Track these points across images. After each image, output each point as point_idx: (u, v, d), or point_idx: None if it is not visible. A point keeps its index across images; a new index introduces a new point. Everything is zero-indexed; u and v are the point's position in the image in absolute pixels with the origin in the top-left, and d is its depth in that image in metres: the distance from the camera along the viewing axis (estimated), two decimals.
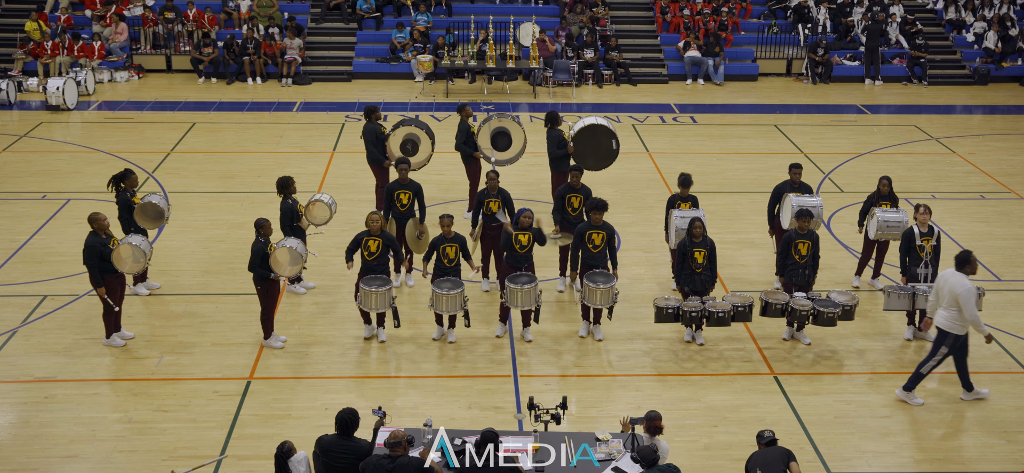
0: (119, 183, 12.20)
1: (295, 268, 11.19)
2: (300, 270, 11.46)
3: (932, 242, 11.58)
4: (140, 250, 11.13)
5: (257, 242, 11.02)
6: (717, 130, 20.58)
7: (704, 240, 11.35)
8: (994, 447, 9.93)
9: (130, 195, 12.16)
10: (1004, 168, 18.30)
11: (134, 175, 12.39)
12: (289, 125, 20.33)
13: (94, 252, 10.91)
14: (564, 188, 12.64)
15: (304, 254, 11.29)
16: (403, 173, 12.61)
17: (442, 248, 11.37)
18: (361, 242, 11.20)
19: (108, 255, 10.95)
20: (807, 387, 10.84)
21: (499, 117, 15.19)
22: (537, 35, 23.55)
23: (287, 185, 12.23)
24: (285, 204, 12.16)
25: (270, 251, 10.99)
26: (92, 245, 10.94)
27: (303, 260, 11.26)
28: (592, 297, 11.30)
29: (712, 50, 24.40)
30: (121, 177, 12.24)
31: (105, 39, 23.88)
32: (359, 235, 11.28)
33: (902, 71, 24.97)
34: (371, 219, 11.13)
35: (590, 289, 11.29)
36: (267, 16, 24.79)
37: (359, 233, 11.33)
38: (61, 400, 10.39)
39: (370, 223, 11.12)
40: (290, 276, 11.38)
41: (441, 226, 11.37)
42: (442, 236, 11.38)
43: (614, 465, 8.11)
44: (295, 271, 11.25)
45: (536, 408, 8.36)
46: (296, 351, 11.42)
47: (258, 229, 11.07)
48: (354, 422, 8.00)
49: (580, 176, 12.62)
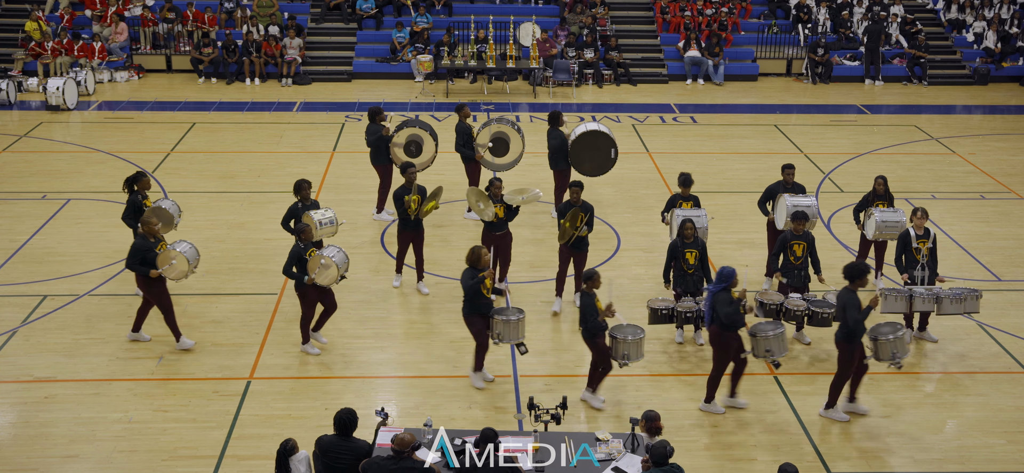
0: (132, 185, 12.17)
1: (332, 277, 10.96)
2: (338, 279, 11.13)
3: (928, 245, 11.59)
4: (184, 258, 11.06)
5: (296, 246, 10.88)
6: (717, 130, 20.58)
7: (695, 241, 11.36)
8: (994, 447, 9.94)
9: (141, 198, 12.11)
10: (1004, 168, 18.31)
11: (147, 178, 12.30)
12: (289, 125, 20.34)
13: (139, 253, 10.88)
14: (566, 206, 12.11)
15: (342, 266, 11.05)
16: (411, 177, 12.45)
17: None
18: (478, 280, 10.33)
19: (153, 259, 10.89)
20: (806, 387, 10.84)
21: (498, 122, 15.20)
22: (538, 36, 23.56)
23: (302, 188, 12.03)
24: (296, 206, 11.99)
25: (309, 256, 10.84)
26: (139, 247, 10.91)
27: (341, 270, 11.04)
28: None
29: (712, 50, 24.40)
30: (134, 179, 12.20)
31: (105, 39, 23.88)
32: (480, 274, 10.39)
33: (902, 71, 24.98)
34: (484, 259, 10.41)
35: None
36: (267, 16, 24.79)
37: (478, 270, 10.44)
38: (61, 400, 10.40)
39: (484, 261, 10.40)
40: (326, 283, 10.99)
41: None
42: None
43: (614, 465, 8.11)
44: (332, 280, 10.99)
45: (536, 408, 8.37)
46: (296, 351, 11.42)
47: (298, 234, 10.93)
48: (352, 422, 8.00)
49: (581, 192, 12.01)
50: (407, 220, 12.43)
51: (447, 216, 15.23)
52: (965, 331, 12.10)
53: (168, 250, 10.99)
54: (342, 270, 11.09)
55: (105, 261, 13.62)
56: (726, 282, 9.95)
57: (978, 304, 11.27)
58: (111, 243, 14.19)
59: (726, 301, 9.88)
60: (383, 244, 14.29)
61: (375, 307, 12.37)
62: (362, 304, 12.45)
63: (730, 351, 10.09)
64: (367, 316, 12.13)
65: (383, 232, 14.73)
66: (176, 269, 11.04)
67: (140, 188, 12.16)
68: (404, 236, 12.65)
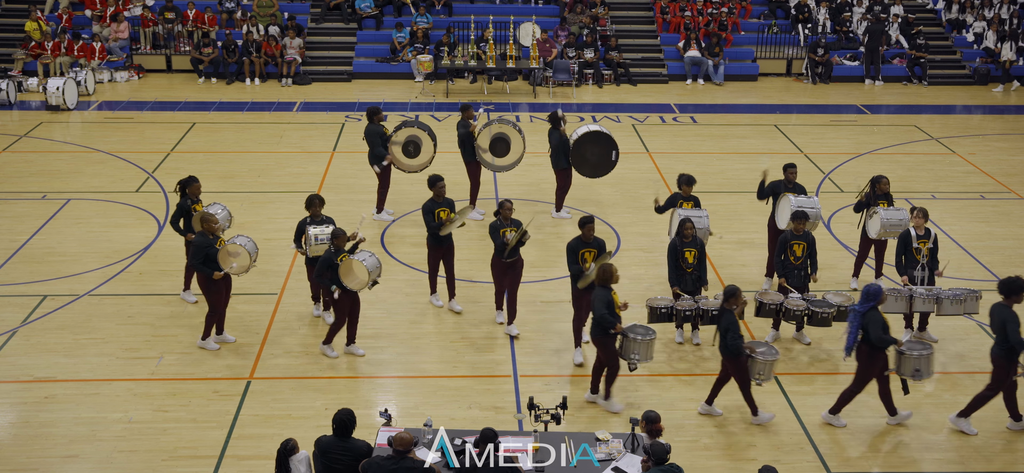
0: (184, 189, 12.15)
1: (362, 282, 10.83)
2: (370, 284, 10.97)
3: (928, 245, 11.59)
4: (246, 251, 11.04)
5: (328, 252, 10.78)
6: (717, 130, 20.58)
7: (694, 240, 11.35)
8: (994, 447, 9.93)
9: (190, 202, 12.06)
10: (1004, 168, 18.31)
11: (197, 183, 12.20)
12: (289, 125, 20.34)
13: (201, 251, 10.90)
14: (577, 242, 11.06)
15: (373, 271, 10.91)
16: (441, 190, 12.10)
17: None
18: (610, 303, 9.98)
19: (214, 255, 10.90)
20: (806, 387, 10.84)
21: (499, 122, 15.20)
22: (538, 36, 23.56)
23: (313, 204, 11.67)
24: (305, 222, 11.63)
25: (341, 261, 10.74)
26: (200, 244, 10.93)
27: (372, 276, 10.90)
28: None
29: (712, 50, 24.40)
30: (186, 183, 12.17)
31: (105, 39, 23.88)
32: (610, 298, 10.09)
33: (902, 71, 24.98)
34: (615, 275, 10.02)
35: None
36: (268, 16, 24.79)
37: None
38: (61, 400, 10.40)
39: (615, 277, 10.01)
40: (356, 288, 10.86)
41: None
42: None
43: (614, 465, 8.11)
44: (363, 285, 10.85)
45: (536, 408, 8.37)
46: (296, 351, 11.43)
47: (332, 239, 10.83)
48: (351, 423, 8.00)
49: (593, 229, 11.04)
50: (437, 235, 11.97)
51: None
52: (965, 331, 12.10)
53: (228, 246, 10.98)
54: (373, 275, 10.92)
55: (105, 261, 13.62)
56: (875, 300, 9.63)
57: (978, 305, 11.27)
58: (111, 243, 14.20)
59: (881, 324, 9.58)
60: (383, 244, 14.29)
61: (375, 307, 12.37)
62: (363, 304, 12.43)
63: (875, 370, 9.83)
64: (367, 316, 12.12)
65: (383, 232, 14.73)
66: (239, 264, 11.04)
67: (191, 193, 12.10)
68: (435, 253, 12.18)
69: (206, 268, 10.93)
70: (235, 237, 11.24)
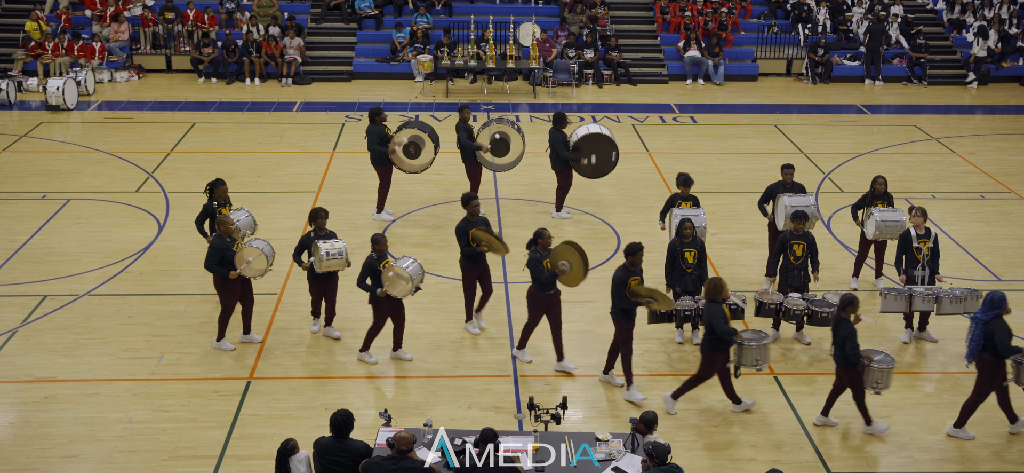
0: (212, 191, 12.13)
1: (405, 290, 10.67)
2: (413, 291, 10.76)
3: (929, 244, 11.59)
4: (263, 254, 11.02)
5: (369, 258, 10.69)
6: (717, 130, 20.58)
7: (694, 240, 11.35)
8: (994, 447, 9.93)
9: (216, 205, 12.06)
10: (1004, 168, 18.31)
11: (224, 187, 12.18)
12: (289, 125, 20.34)
13: (217, 253, 10.89)
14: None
15: (416, 277, 10.72)
16: (475, 209, 11.44)
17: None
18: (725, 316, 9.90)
19: (231, 258, 10.90)
20: (806, 387, 10.84)
21: (499, 122, 15.20)
22: (538, 36, 23.55)
23: (318, 217, 11.37)
24: (308, 236, 11.36)
25: (383, 268, 10.65)
26: (216, 246, 10.92)
27: (414, 282, 10.69)
28: None
29: (712, 50, 24.40)
30: (214, 185, 12.15)
31: (105, 39, 23.88)
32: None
33: (902, 71, 24.98)
34: (726, 290, 9.97)
35: None
36: (268, 16, 24.79)
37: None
38: (61, 400, 10.40)
39: (725, 293, 9.94)
40: (399, 295, 10.70)
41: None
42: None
43: (614, 465, 8.11)
44: (406, 292, 10.70)
45: (536, 408, 8.37)
46: (296, 351, 11.43)
47: (373, 244, 10.73)
48: (348, 424, 7.99)
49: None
50: (472, 256, 11.40)
51: (447, 216, 15.24)
52: (965, 331, 12.04)
53: (244, 249, 10.97)
54: (416, 282, 10.75)
55: (105, 261, 13.62)
56: (1000, 308, 9.50)
57: (978, 304, 11.25)
58: (111, 243, 14.20)
59: (1008, 332, 9.43)
60: None
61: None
62: (362, 304, 12.43)
63: (997, 380, 9.73)
64: (367, 316, 12.10)
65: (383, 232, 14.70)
66: (254, 267, 11.03)
67: (218, 196, 12.08)
68: (470, 275, 11.58)
69: (222, 270, 10.93)
70: (252, 240, 11.23)
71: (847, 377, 9.75)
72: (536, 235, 10.63)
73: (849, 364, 9.62)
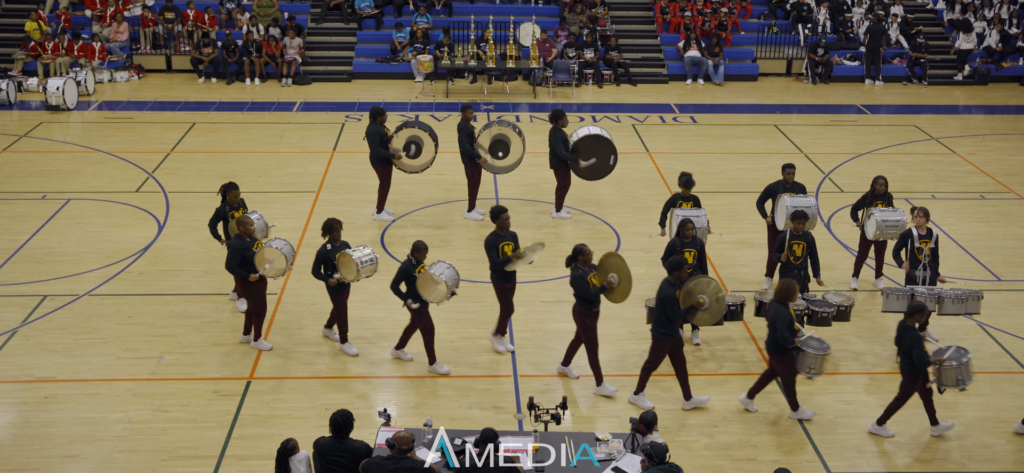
0: (225, 194, 12.10)
1: (442, 294, 10.55)
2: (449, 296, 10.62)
3: (930, 244, 11.59)
4: (282, 254, 10.99)
5: (407, 262, 10.58)
6: (717, 130, 20.58)
7: (694, 240, 11.34)
8: (994, 447, 9.94)
9: (228, 209, 12.04)
10: (1004, 168, 18.31)
11: (237, 190, 12.13)
12: (289, 125, 20.34)
13: (236, 254, 10.89)
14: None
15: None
16: (505, 222, 11.06)
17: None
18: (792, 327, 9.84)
19: (251, 258, 10.89)
20: (806, 388, 10.83)
21: (499, 124, 15.19)
22: (538, 36, 23.55)
23: (333, 228, 11.08)
24: (324, 248, 11.05)
25: (419, 273, 10.54)
26: (236, 247, 10.92)
27: (450, 288, 10.58)
28: None
29: (712, 50, 24.40)
30: (227, 188, 12.13)
31: (105, 39, 23.88)
32: None
33: (902, 71, 24.97)
34: (795, 291, 9.91)
35: None
36: (269, 16, 24.79)
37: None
38: (61, 400, 10.40)
39: (795, 294, 9.88)
40: (435, 301, 10.60)
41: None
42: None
43: (614, 465, 8.11)
44: (442, 297, 10.56)
45: (536, 408, 8.37)
46: (296, 352, 11.43)
47: (413, 252, 10.59)
48: (348, 424, 7.99)
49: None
50: (502, 272, 11.02)
51: (447, 216, 15.25)
52: (965, 331, 12.09)
53: (264, 249, 10.96)
54: (452, 287, 10.61)
55: (105, 261, 13.62)
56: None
57: (979, 305, 11.26)
58: (111, 243, 14.20)
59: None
60: (383, 245, 14.29)
61: (376, 307, 12.36)
62: (362, 304, 12.43)
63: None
64: (367, 316, 12.12)
65: (383, 232, 14.72)
66: (275, 267, 11.01)
67: (230, 199, 12.06)
68: (505, 290, 11.16)
69: (242, 271, 10.93)
70: (272, 241, 11.22)
71: (912, 383, 9.69)
72: (576, 251, 10.21)
73: (916, 373, 9.58)
